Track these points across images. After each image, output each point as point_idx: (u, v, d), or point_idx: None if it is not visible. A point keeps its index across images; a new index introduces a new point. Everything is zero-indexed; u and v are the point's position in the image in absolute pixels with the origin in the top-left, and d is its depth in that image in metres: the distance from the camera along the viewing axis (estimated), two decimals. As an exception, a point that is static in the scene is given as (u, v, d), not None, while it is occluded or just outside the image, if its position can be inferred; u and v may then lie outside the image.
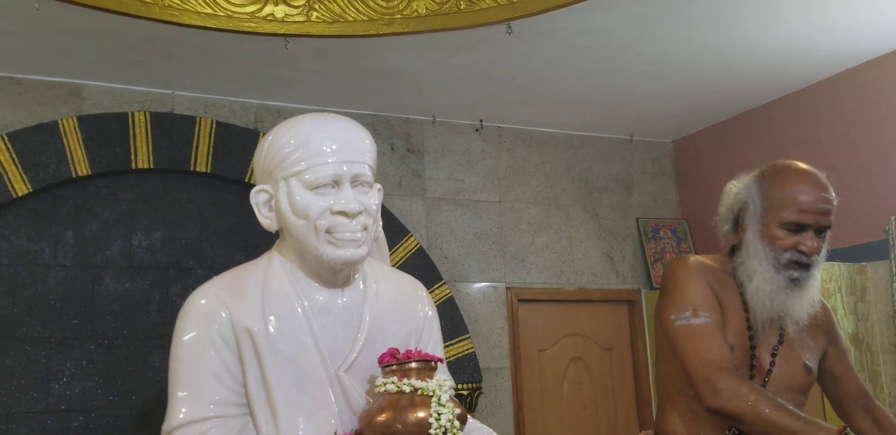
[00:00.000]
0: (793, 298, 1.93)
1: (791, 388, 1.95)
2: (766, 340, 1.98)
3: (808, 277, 1.93)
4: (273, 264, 1.70)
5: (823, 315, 2.09)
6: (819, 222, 1.94)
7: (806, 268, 1.92)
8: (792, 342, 2.00)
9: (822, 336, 2.07)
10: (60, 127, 3.95)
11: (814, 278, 1.95)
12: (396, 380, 1.54)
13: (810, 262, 1.93)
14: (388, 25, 3.52)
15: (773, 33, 3.77)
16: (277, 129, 1.70)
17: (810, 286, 1.94)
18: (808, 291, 1.94)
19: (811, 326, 2.04)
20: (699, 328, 1.90)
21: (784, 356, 1.97)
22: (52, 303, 3.87)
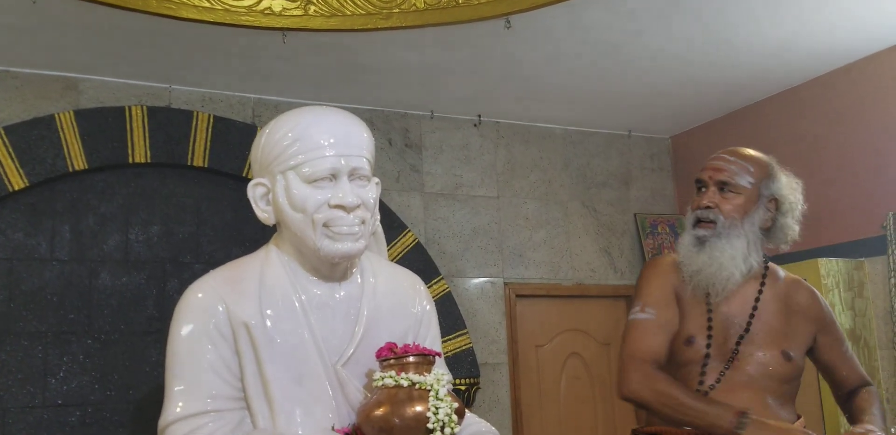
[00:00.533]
0: (701, 257, 1.98)
1: (769, 375, 1.97)
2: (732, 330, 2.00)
3: (713, 236, 1.98)
4: (270, 258, 1.69)
5: (812, 303, 2.10)
6: (713, 177, 2.02)
7: (710, 224, 1.99)
8: (769, 330, 2.01)
9: (809, 324, 2.07)
10: (57, 121, 3.94)
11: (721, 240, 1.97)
12: (394, 374, 1.53)
13: (712, 217, 1.99)
14: (386, 20, 3.51)
15: (771, 30, 3.76)
16: (275, 122, 1.69)
17: (717, 248, 1.97)
18: (714, 253, 1.97)
19: (794, 312, 2.05)
20: (640, 323, 1.99)
21: (758, 344, 1.99)
22: (48, 297, 3.86)
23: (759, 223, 2.01)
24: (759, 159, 2.06)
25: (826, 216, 4.28)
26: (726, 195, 2.01)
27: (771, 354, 1.98)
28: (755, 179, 2.01)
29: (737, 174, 2.01)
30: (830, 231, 4.25)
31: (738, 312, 2.02)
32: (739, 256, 1.98)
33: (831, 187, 4.27)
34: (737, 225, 1.98)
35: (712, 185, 2.03)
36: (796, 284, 2.13)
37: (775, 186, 2.03)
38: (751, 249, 2.00)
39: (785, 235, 2.06)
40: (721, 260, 1.96)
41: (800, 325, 2.06)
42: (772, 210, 2.03)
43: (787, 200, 2.04)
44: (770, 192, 2.02)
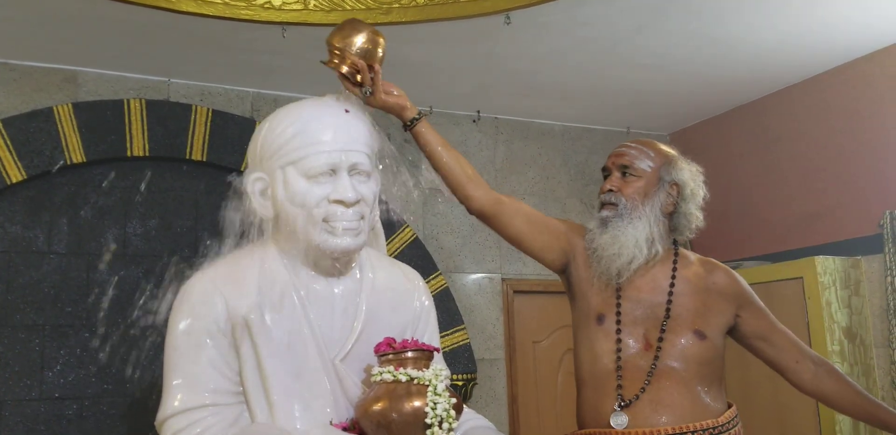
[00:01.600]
0: (604, 238, 2.03)
1: (685, 357, 1.97)
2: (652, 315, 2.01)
3: (615, 217, 2.03)
4: (269, 253, 1.69)
5: (729, 282, 2.10)
6: (615, 162, 2.11)
7: (613, 207, 2.05)
8: (685, 313, 2.01)
9: (727, 302, 2.07)
10: (55, 114, 3.93)
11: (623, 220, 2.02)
12: (393, 369, 1.54)
13: (614, 200, 2.05)
14: (386, 14, 3.50)
15: (770, 28, 3.76)
16: (274, 116, 1.69)
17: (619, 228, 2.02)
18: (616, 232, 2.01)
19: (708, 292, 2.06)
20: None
21: (673, 329, 1.99)
22: (46, 290, 3.86)
23: (660, 207, 2.06)
24: (660, 147, 2.14)
25: (823, 214, 4.29)
26: (627, 179, 2.07)
27: (686, 337, 1.99)
28: (655, 164, 2.08)
29: (637, 158, 2.08)
30: (827, 229, 4.26)
31: (650, 297, 2.03)
32: (642, 238, 2.01)
33: (828, 185, 4.28)
34: (637, 207, 2.03)
35: (615, 170, 2.10)
36: (710, 265, 2.14)
37: (676, 172, 2.08)
38: (654, 232, 2.03)
39: (688, 221, 2.09)
40: (622, 239, 2.01)
41: (716, 304, 2.06)
42: (673, 195, 2.07)
43: (688, 186, 2.08)
44: (671, 177, 2.07)
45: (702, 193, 2.11)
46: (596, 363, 2.01)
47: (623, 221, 2.02)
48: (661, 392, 1.93)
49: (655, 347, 1.97)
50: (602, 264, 2.03)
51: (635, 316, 2.01)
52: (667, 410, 1.91)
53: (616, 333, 2.00)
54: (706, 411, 1.93)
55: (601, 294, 2.05)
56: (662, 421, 1.90)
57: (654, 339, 1.99)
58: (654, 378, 1.94)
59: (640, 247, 2.01)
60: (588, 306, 2.07)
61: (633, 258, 2.00)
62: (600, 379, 1.99)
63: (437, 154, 2.03)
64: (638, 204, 2.03)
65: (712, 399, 1.97)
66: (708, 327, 2.02)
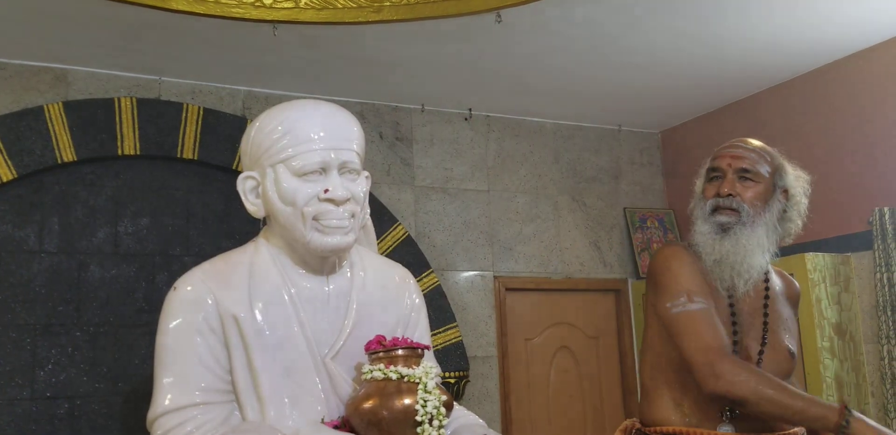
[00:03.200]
0: (725, 245, 1.93)
1: (777, 373, 1.94)
2: (752, 328, 1.98)
3: (738, 224, 1.94)
4: (260, 251, 1.69)
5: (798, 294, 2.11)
6: (732, 165, 1.97)
7: (734, 212, 1.94)
8: (776, 329, 1.99)
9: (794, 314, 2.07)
10: (46, 112, 3.92)
11: (746, 228, 1.93)
12: (383, 367, 1.54)
13: (735, 206, 1.94)
14: (378, 13, 3.50)
15: (760, 25, 3.78)
16: (265, 115, 1.69)
17: (743, 235, 1.93)
18: (741, 240, 1.93)
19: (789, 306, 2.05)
20: (696, 314, 1.89)
21: (770, 344, 1.97)
22: (37, 289, 3.85)
23: (776, 214, 1.99)
24: (772, 150, 2.05)
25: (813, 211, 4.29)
26: (746, 184, 1.96)
27: (780, 352, 1.97)
28: (771, 169, 1.99)
29: (757, 162, 1.97)
30: (817, 226, 4.25)
31: (749, 309, 1.98)
32: (765, 245, 1.95)
33: (819, 182, 4.26)
34: (760, 213, 1.95)
35: (731, 173, 1.97)
36: (785, 276, 2.13)
37: (787, 178, 2.02)
38: (772, 240, 1.97)
39: (789, 228, 2.04)
40: (749, 247, 1.92)
41: (791, 318, 2.05)
42: (783, 202, 2.01)
43: (797, 193, 2.03)
44: (783, 183, 2.01)
45: (805, 201, 2.05)
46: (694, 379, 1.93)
47: (746, 229, 1.94)
48: None
49: (756, 361, 1.94)
50: (723, 273, 1.94)
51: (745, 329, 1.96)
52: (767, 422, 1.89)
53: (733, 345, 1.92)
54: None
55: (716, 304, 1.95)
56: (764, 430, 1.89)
57: (754, 352, 1.96)
58: None
59: (765, 256, 1.95)
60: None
61: (760, 266, 1.95)
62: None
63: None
64: (760, 211, 1.96)
65: None
66: (794, 344, 2.00)
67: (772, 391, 1.76)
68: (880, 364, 3.77)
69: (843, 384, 3.82)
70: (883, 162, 3.99)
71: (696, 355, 1.84)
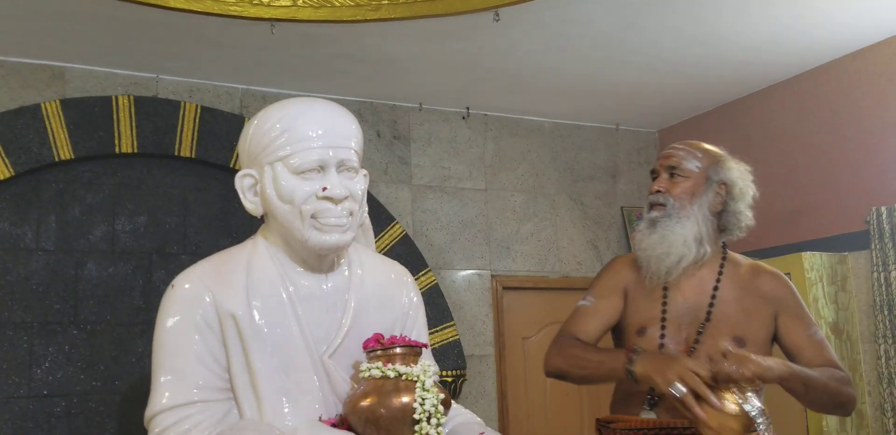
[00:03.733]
0: (652, 238, 2.04)
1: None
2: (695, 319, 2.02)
3: (664, 217, 2.04)
4: (258, 249, 1.69)
5: (776, 286, 2.09)
6: (663, 163, 2.12)
7: (661, 207, 2.06)
8: (726, 319, 2.02)
9: (768, 308, 2.06)
10: (43, 110, 3.91)
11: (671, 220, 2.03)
12: (381, 365, 1.54)
13: (662, 201, 2.06)
14: (376, 11, 3.50)
15: (759, 24, 3.78)
16: (263, 113, 1.69)
17: (667, 228, 2.03)
18: (665, 232, 2.02)
19: (756, 297, 2.05)
20: (578, 309, 2.17)
21: (713, 333, 1.99)
22: (34, 287, 3.85)
23: (708, 206, 2.06)
24: (707, 147, 2.14)
25: (810, 210, 4.32)
26: (675, 180, 2.08)
27: (725, 342, 1.99)
28: (703, 164, 2.09)
29: (684, 159, 2.09)
30: (814, 225, 4.28)
31: (694, 300, 2.04)
32: (691, 238, 2.02)
33: (816, 182, 4.30)
34: (685, 206, 2.04)
35: (663, 171, 2.11)
36: (757, 269, 2.13)
37: (724, 172, 2.08)
38: (703, 232, 2.04)
39: (738, 220, 2.09)
40: (671, 239, 2.02)
41: (760, 310, 2.05)
42: (722, 194, 2.07)
43: (737, 186, 2.08)
44: (719, 176, 2.08)
45: (751, 192, 2.11)
46: None
47: (671, 221, 2.03)
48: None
49: (689, 349, 1.98)
50: (651, 264, 2.04)
51: (680, 321, 2.02)
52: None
53: (660, 338, 2.00)
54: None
55: (646, 299, 2.06)
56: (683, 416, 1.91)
57: (691, 341, 1.99)
58: None
59: (688, 246, 2.01)
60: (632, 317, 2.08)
61: (682, 257, 2.01)
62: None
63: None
64: (686, 203, 2.04)
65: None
66: (749, 335, 2.01)
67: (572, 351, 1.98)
68: (877, 363, 3.77)
69: (840, 383, 3.83)
70: (881, 161, 4.00)
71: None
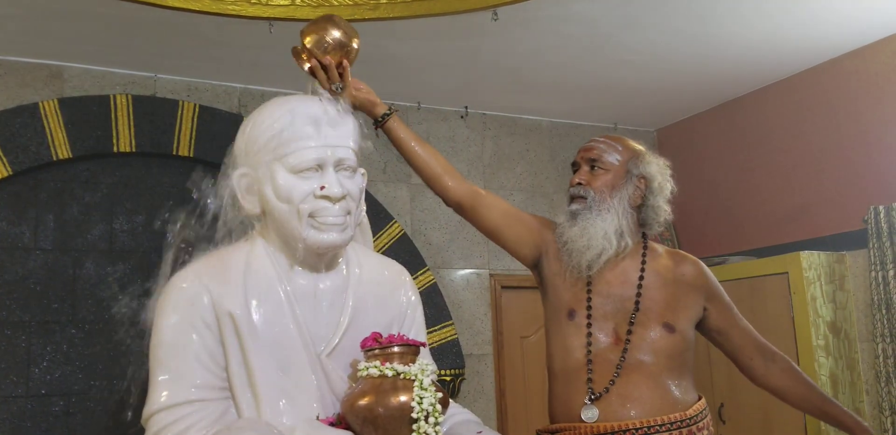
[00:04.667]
0: (573, 230, 2.04)
1: (654, 350, 1.99)
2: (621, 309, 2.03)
3: (584, 209, 2.05)
4: (255, 248, 1.69)
5: (696, 274, 2.12)
6: (583, 156, 2.12)
7: (582, 200, 2.07)
8: (653, 306, 2.03)
9: (696, 295, 2.09)
10: (41, 109, 3.91)
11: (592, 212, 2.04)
12: (379, 364, 1.54)
13: (582, 193, 2.07)
14: (374, 10, 3.50)
15: (757, 23, 3.78)
16: (260, 111, 1.68)
17: (588, 220, 2.04)
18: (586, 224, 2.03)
19: (677, 284, 2.08)
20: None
21: (642, 322, 2.01)
22: (32, 287, 3.85)
23: (628, 200, 2.07)
24: (628, 142, 2.15)
25: (808, 209, 4.32)
26: (596, 172, 2.09)
27: (654, 330, 2.00)
28: (623, 158, 2.09)
29: (605, 152, 2.09)
30: (812, 224, 4.29)
31: (619, 290, 2.05)
32: (611, 230, 2.03)
33: (814, 181, 4.31)
34: (606, 199, 2.05)
35: (584, 164, 2.12)
36: (679, 257, 2.16)
37: (643, 166, 2.10)
38: (623, 225, 2.05)
39: (657, 214, 2.11)
40: (591, 231, 2.02)
41: (686, 296, 2.08)
42: (641, 188, 2.09)
43: (656, 180, 2.10)
44: (638, 170, 2.09)
45: (669, 187, 2.13)
46: (567, 358, 2.07)
47: (592, 214, 2.04)
48: (629, 386, 1.95)
49: (624, 341, 1.99)
50: (573, 257, 2.05)
51: (605, 310, 2.03)
52: (635, 403, 1.93)
53: (587, 328, 2.02)
54: (675, 405, 1.95)
55: (572, 289, 2.07)
56: (631, 414, 1.92)
57: (623, 332, 2.01)
58: (624, 372, 1.96)
59: (609, 239, 2.02)
60: (559, 301, 2.10)
61: (602, 250, 2.02)
62: (571, 373, 2.05)
63: (410, 149, 2.04)
64: (606, 197, 2.06)
65: (682, 392, 1.99)
66: (677, 320, 2.03)
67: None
68: (875, 362, 3.78)
69: (838, 382, 3.83)
70: (878, 160, 4.00)
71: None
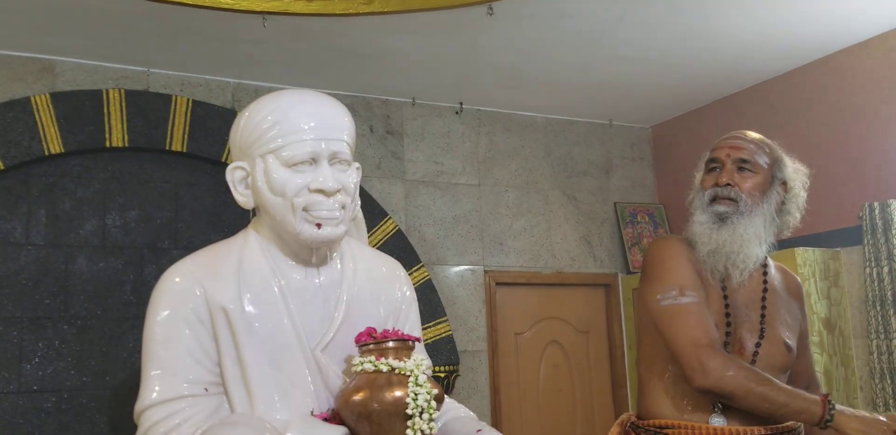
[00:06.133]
0: (722, 235, 1.93)
1: (774, 366, 1.94)
2: (748, 320, 1.96)
3: (735, 213, 1.94)
4: (249, 243, 1.67)
5: (798, 291, 2.09)
6: (731, 155, 1.98)
7: (732, 202, 1.95)
8: (773, 321, 1.98)
9: (799, 312, 2.06)
10: (33, 103, 3.88)
11: (744, 217, 1.93)
12: (374, 359, 1.53)
13: (733, 196, 1.95)
14: (368, 4, 3.48)
15: (753, 20, 3.77)
16: (254, 105, 1.67)
17: (740, 225, 1.93)
18: (738, 229, 1.92)
19: (790, 300, 2.03)
20: (686, 307, 1.88)
21: (767, 337, 1.96)
22: (24, 282, 3.82)
23: (775, 205, 1.99)
24: (771, 142, 2.05)
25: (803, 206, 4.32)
26: (745, 174, 1.96)
27: (776, 345, 1.95)
28: (770, 161, 1.99)
29: (756, 153, 1.97)
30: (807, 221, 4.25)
31: (746, 301, 1.97)
32: (763, 237, 1.94)
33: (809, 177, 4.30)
34: (758, 204, 1.95)
35: (730, 163, 1.97)
36: (785, 272, 2.12)
37: (786, 170, 2.02)
38: (769, 231, 1.97)
39: (788, 220, 2.04)
40: (745, 237, 1.91)
41: (794, 312, 2.04)
42: (781, 194, 2.01)
43: (795, 186, 2.03)
44: (782, 174, 2.01)
45: (804, 195, 2.05)
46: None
47: (744, 218, 1.93)
48: None
49: (752, 353, 1.93)
50: (717, 262, 1.94)
51: (736, 324, 1.95)
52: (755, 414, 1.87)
53: (724, 346, 1.90)
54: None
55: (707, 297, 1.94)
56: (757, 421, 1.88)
57: (750, 345, 1.94)
58: None
59: (761, 246, 1.94)
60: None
61: (756, 258, 1.94)
62: None
63: None
64: (758, 201, 1.95)
65: None
66: (791, 338, 1.99)
67: (758, 386, 1.77)
68: (869, 358, 3.78)
69: (833, 378, 3.84)
70: (873, 157, 4.00)
71: (684, 349, 1.83)
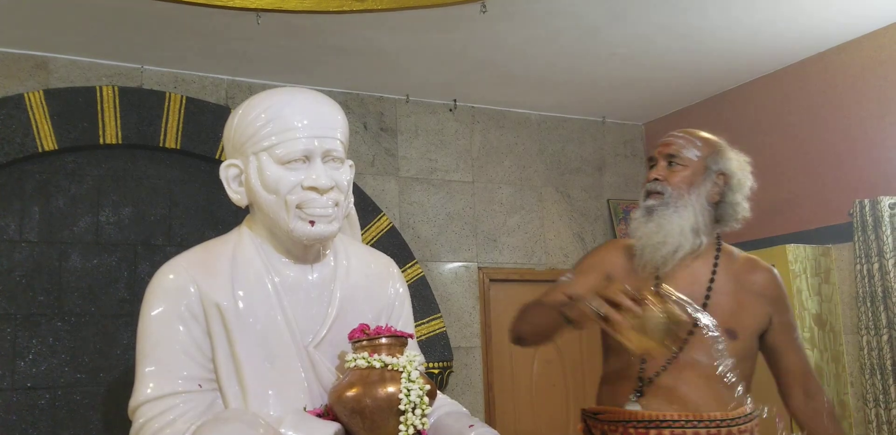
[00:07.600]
0: (648, 226, 2.01)
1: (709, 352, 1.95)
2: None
3: (661, 205, 2.01)
4: (243, 240, 1.68)
5: (770, 284, 2.09)
6: (661, 151, 2.08)
7: (659, 195, 2.02)
8: (720, 311, 2.00)
9: (766, 304, 2.06)
10: (26, 100, 3.87)
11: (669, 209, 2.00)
12: (367, 355, 1.54)
13: (660, 189, 2.03)
14: (362, 2, 3.48)
15: (744, 17, 3.79)
16: (248, 102, 1.67)
17: (665, 216, 2.00)
18: (662, 221, 2.00)
19: (750, 291, 2.05)
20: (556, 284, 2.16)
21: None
22: (17, 279, 3.82)
23: (706, 196, 2.03)
24: (707, 137, 2.11)
25: (794, 203, 4.34)
26: (674, 168, 2.05)
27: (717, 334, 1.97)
28: (702, 153, 2.05)
29: (684, 147, 2.05)
30: (798, 218, 4.31)
31: (688, 291, 1.99)
32: (688, 227, 1.99)
33: (800, 174, 4.33)
34: (683, 195, 2.01)
35: (661, 159, 2.07)
36: (752, 263, 2.12)
37: (723, 162, 2.06)
38: (699, 222, 2.01)
39: (734, 211, 2.07)
40: (668, 228, 1.98)
41: (754, 305, 2.04)
42: (720, 184, 2.05)
43: (736, 176, 2.06)
44: (718, 166, 2.05)
45: (749, 184, 2.09)
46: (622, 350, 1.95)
47: (668, 210, 2.00)
48: (677, 381, 1.94)
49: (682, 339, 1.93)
50: (646, 254, 2.01)
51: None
52: (678, 398, 1.93)
53: None
54: (718, 405, 1.93)
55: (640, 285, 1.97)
56: (673, 408, 1.92)
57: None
58: (674, 367, 1.95)
59: (685, 235, 1.98)
60: None
61: (678, 247, 1.99)
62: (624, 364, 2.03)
63: None
64: (684, 193, 2.01)
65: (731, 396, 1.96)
66: (741, 328, 2.00)
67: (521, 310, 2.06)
68: (859, 354, 3.81)
69: (823, 374, 3.86)
70: (863, 154, 4.02)
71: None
